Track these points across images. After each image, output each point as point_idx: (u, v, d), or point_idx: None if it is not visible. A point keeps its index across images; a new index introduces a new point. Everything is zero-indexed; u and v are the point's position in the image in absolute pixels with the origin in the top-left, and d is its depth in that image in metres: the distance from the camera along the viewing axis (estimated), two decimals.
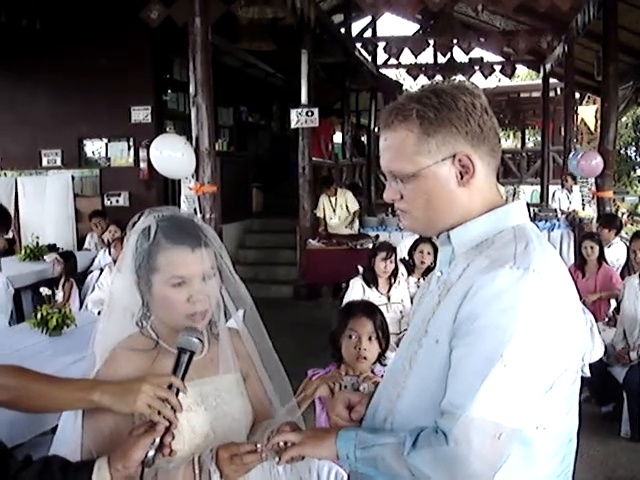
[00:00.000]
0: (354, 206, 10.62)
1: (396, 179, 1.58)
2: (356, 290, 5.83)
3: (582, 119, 19.17)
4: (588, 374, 5.36)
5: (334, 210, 10.60)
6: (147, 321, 1.91)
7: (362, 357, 2.87)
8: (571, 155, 10.49)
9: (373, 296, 5.64)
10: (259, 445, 1.66)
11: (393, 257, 5.85)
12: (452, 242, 1.58)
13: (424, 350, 1.53)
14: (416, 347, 1.56)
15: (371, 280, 5.83)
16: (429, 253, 6.05)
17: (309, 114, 10.12)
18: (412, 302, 5.74)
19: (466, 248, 1.55)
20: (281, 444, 1.65)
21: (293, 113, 10.24)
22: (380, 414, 1.64)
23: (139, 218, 1.88)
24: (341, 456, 1.58)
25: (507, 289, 1.39)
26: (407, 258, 6.33)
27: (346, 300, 5.26)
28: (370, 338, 2.89)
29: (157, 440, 1.62)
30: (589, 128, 19.26)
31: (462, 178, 1.53)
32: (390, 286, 5.85)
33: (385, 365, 2.76)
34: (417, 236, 6.09)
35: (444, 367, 1.46)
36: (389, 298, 5.77)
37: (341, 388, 2.53)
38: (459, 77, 13.79)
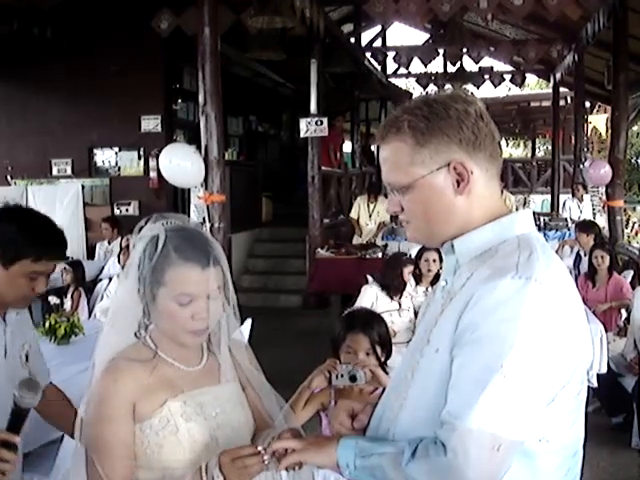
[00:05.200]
0: (385, 216, 10.41)
1: (395, 191, 1.58)
2: (367, 297, 5.83)
3: (594, 127, 19.10)
4: (595, 384, 5.33)
5: (370, 216, 10.63)
6: (145, 331, 1.89)
7: None
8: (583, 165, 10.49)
9: (384, 302, 5.69)
10: (260, 448, 1.64)
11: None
12: (456, 251, 1.57)
13: (425, 360, 1.52)
14: (418, 357, 1.55)
15: (394, 289, 5.86)
16: (435, 260, 6.02)
17: (318, 123, 10.13)
18: (416, 312, 5.79)
19: (470, 257, 1.54)
20: (281, 450, 1.64)
21: (302, 122, 10.25)
22: (383, 425, 1.63)
23: (146, 223, 1.86)
24: (341, 464, 1.56)
25: (508, 299, 1.37)
26: (413, 268, 6.32)
27: (357, 306, 5.30)
28: (367, 354, 2.87)
29: None
30: (600, 137, 19.21)
31: (459, 186, 1.52)
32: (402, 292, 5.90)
33: (387, 373, 2.74)
34: None
35: (443, 376, 1.44)
36: (400, 304, 5.80)
37: (338, 377, 2.52)
38: (469, 86, 13.81)
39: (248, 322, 4.86)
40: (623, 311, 6.62)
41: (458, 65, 14.41)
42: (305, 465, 1.69)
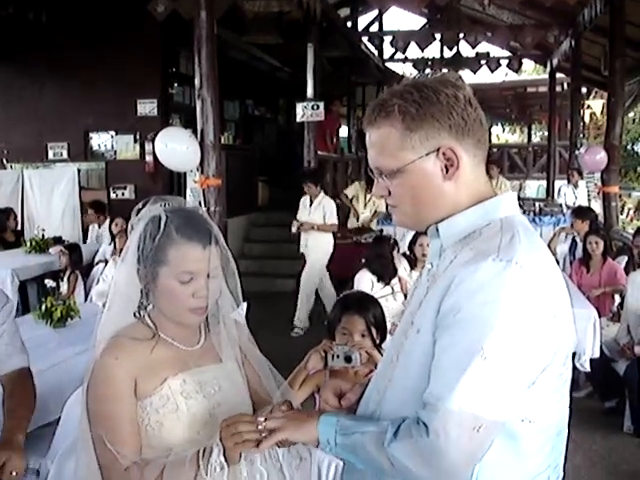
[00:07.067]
0: (381, 206, 10.32)
1: (382, 175, 1.59)
2: (365, 283, 5.84)
3: (594, 112, 19.07)
4: (588, 369, 5.38)
5: (365, 205, 10.65)
6: (144, 311, 1.93)
7: None
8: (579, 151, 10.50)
9: (378, 288, 5.70)
10: (260, 419, 1.65)
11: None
12: (440, 235, 1.59)
13: (409, 341, 1.54)
14: (403, 339, 1.57)
15: (386, 274, 5.87)
16: (429, 245, 6.02)
17: (315, 108, 10.11)
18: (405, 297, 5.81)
19: (454, 240, 1.56)
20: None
21: (299, 107, 10.23)
22: (370, 406, 1.65)
23: (144, 205, 1.90)
24: (321, 441, 1.57)
25: (489, 281, 1.39)
26: (408, 253, 6.33)
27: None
28: (363, 335, 2.89)
29: None
30: (596, 123, 19.21)
31: (447, 172, 1.53)
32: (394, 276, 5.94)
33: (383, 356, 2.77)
34: None
35: (425, 358, 1.46)
36: (393, 289, 5.83)
37: (333, 358, 2.54)
38: (465, 72, 13.78)
39: (244, 306, 4.88)
40: (617, 296, 6.66)
41: (455, 50, 14.37)
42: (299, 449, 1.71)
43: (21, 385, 2.87)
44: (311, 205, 8.65)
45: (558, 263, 1.65)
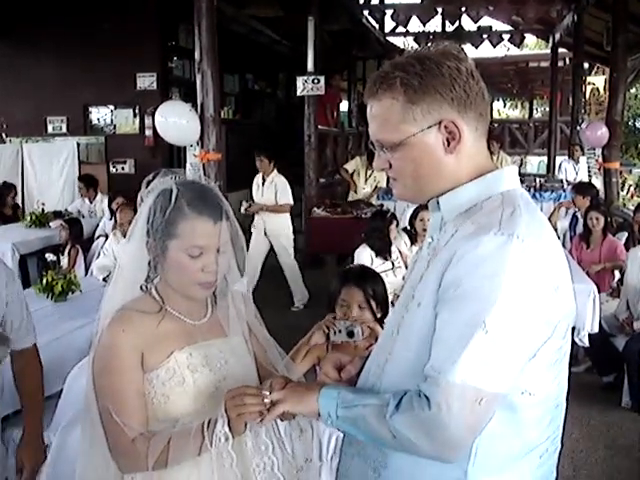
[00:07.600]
0: (381, 181, 10.53)
1: (384, 148, 1.58)
2: (364, 258, 5.84)
3: (596, 88, 18.97)
4: (587, 344, 5.41)
5: (366, 180, 10.65)
6: (151, 284, 1.93)
7: None
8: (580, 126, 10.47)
9: (377, 263, 5.70)
10: (265, 392, 1.65)
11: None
12: (441, 208, 1.59)
13: (409, 315, 1.54)
14: (403, 312, 1.57)
15: (383, 249, 5.87)
16: (430, 219, 6.02)
17: (315, 82, 10.05)
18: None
19: (455, 214, 1.56)
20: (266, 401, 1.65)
21: (299, 81, 10.17)
22: (370, 380, 1.66)
23: (154, 177, 1.90)
24: (322, 414, 1.58)
25: (490, 255, 1.39)
26: (409, 227, 6.33)
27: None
28: (361, 307, 2.90)
29: None
30: (598, 98, 19.10)
31: (449, 145, 1.52)
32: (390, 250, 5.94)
33: None
34: None
35: (426, 331, 1.46)
36: (393, 264, 5.83)
37: (335, 333, 2.55)
38: (467, 46, 13.69)
39: (245, 280, 4.88)
40: (617, 272, 6.68)
41: (457, 24, 14.28)
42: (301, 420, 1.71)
43: (32, 365, 2.95)
44: (264, 184, 8.44)
45: (559, 239, 1.67)
